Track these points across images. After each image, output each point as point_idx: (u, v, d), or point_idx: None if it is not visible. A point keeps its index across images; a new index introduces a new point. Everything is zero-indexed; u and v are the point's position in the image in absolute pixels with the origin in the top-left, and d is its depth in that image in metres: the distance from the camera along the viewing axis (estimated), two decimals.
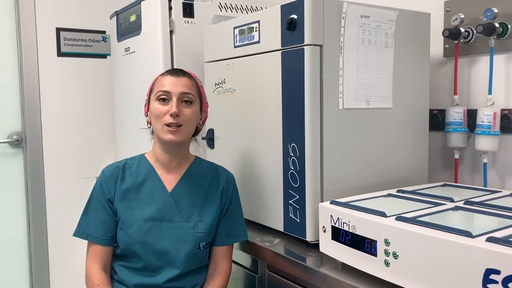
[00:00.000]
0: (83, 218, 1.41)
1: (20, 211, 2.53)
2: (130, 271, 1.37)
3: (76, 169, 2.61)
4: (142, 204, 1.37)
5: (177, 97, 1.33)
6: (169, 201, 1.38)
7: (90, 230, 1.38)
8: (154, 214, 1.36)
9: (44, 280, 2.56)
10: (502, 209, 1.13)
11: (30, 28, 2.46)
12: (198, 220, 1.38)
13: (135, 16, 2.05)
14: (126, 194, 1.38)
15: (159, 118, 1.33)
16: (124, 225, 1.36)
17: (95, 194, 1.41)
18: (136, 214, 1.36)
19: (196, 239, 1.37)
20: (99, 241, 1.37)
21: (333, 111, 1.37)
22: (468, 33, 1.63)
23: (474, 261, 0.87)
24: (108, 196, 1.38)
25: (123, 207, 1.37)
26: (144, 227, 1.35)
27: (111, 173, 1.40)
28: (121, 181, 1.39)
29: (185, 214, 1.38)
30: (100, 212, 1.38)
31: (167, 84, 1.35)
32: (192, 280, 1.39)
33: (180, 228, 1.36)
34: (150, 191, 1.39)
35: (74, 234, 1.40)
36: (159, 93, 1.34)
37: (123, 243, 1.36)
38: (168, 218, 1.36)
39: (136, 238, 1.34)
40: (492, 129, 1.52)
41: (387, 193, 1.35)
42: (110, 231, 1.37)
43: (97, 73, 2.63)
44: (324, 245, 1.25)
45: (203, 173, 1.44)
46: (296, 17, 1.32)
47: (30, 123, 2.49)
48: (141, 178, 1.40)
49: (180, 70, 1.41)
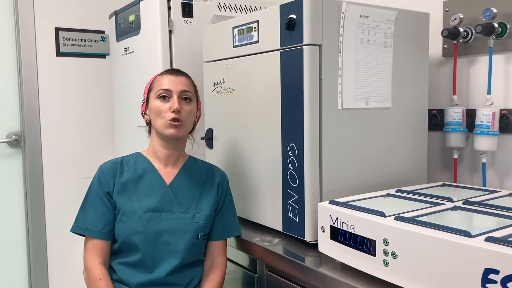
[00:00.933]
0: (80, 213, 1.41)
1: (19, 211, 2.52)
2: (129, 268, 1.37)
3: (75, 169, 2.61)
4: (141, 196, 1.39)
5: (177, 94, 1.38)
6: (168, 193, 1.41)
7: (88, 224, 1.38)
8: (154, 205, 1.38)
9: (43, 280, 2.56)
10: (501, 209, 1.13)
11: (29, 28, 2.45)
12: (197, 211, 1.42)
13: (134, 16, 2.04)
14: (125, 187, 1.40)
15: (160, 114, 1.37)
16: (124, 216, 1.37)
17: (93, 188, 1.42)
18: (136, 206, 1.38)
19: (195, 229, 1.40)
20: (97, 235, 1.37)
21: (332, 111, 1.37)
22: (467, 33, 1.63)
23: (473, 261, 0.87)
24: (107, 190, 1.40)
25: (122, 199, 1.39)
26: (144, 217, 1.37)
27: (109, 168, 1.43)
28: (120, 174, 1.42)
29: (184, 206, 1.41)
30: (98, 206, 1.39)
31: (167, 83, 1.39)
32: (190, 274, 1.41)
33: (179, 219, 1.39)
34: (149, 184, 1.41)
35: (71, 230, 1.40)
36: (160, 91, 1.39)
37: (122, 235, 1.37)
38: (168, 209, 1.39)
39: (136, 228, 1.35)
40: (491, 129, 1.52)
41: (386, 193, 1.35)
42: (108, 225, 1.38)
43: (96, 73, 2.63)
44: (323, 245, 1.25)
45: (198, 170, 1.49)
46: (295, 16, 1.32)
47: (29, 123, 2.48)
48: (140, 172, 1.43)
49: (178, 70, 1.46)
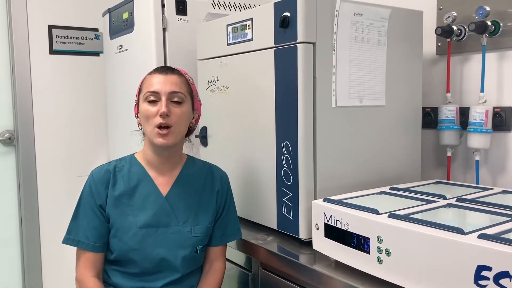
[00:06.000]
0: (72, 224, 1.33)
1: (12, 209, 2.51)
2: (125, 276, 1.33)
3: (68, 167, 2.60)
4: (136, 210, 1.32)
5: (166, 96, 1.27)
6: (164, 206, 1.33)
7: (81, 237, 1.31)
8: (149, 220, 1.31)
9: (36, 279, 2.55)
10: (493, 206, 1.14)
11: (22, 25, 2.43)
12: (195, 223, 1.35)
13: (127, 14, 2.04)
14: (119, 200, 1.32)
15: (149, 120, 1.27)
16: (118, 232, 1.30)
17: (84, 198, 1.33)
18: (130, 221, 1.31)
19: (193, 244, 1.34)
20: (91, 248, 1.30)
21: (326, 109, 1.37)
22: (461, 31, 1.64)
23: (466, 257, 0.88)
24: (99, 202, 1.31)
25: (116, 213, 1.31)
26: (139, 234, 1.30)
27: (101, 178, 1.33)
28: (113, 186, 1.33)
29: (182, 219, 1.34)
30: (90, 218, 1.31)
31: (156, 83, 1.28)
32: (188, 283, 1.37)
33: (177, 233, 1.33)
34: (144, 196, 1.33)
35: (63, 242, 1.32)
36: (147, 94, 1.28)
37: (118, 250, 1.31)
38: (164, 224, 1.32)
39: (132, 245, 1.29)
40: (484, 126, 1.53)
41: (380, 191, 1.35)
42: (102, 238, 1.31)
43: (90, 71, 2.62)
44: (317, 242, 1.25)
45: (197, 174, 1.41)
46: (289, 14, 1.32)
47: (22, 121, 2.47)
48: (134, 182, 1.34)
49: (169, 68, 1.34)
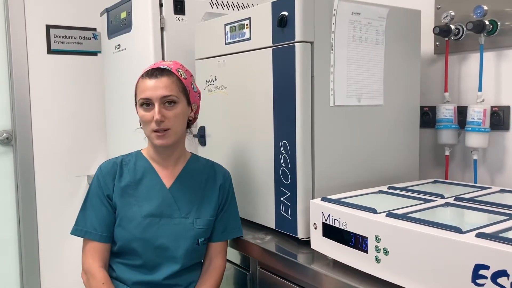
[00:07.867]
0: (81, 215, 1.38)
1: (10, 210, 2.51)
2: (129, 268, 1.36)
3: (66, 167, 2.60)
4: (140, 200, 1.37)
5: (158, 102, 1.30)
6: (168, 197, 1.38)
7: (89, 227, 1.35)
8: (153, 210, 1.35)
9: (35, 278, 2.55)
10: (491, 205, 1.14)
11: (20, 25, 2.43)
12: (197, 216, 1.38)
13: (125, 13, 2.03)
14: (124, 190, 1.37)
15: (146, 125, 1.34)
16: (122, 221, 1.35)
17: (92, 190, 1.39)
18: (134, 211, 1.35)
19: (195, 235, 1.37)
20: (98, 238, 1.34)
21: (324, 108, 1.37)
22: (459, 31, 1.64)
23: (464, 256, 0.88)
24: (107, 192, 1.37)
25: (121, 203, 1.36)
26: (143, 223, 1.34)
27: (109, 170, 1.39)
28: (119, 177, 1.38)
29: (184, 210, 1.38)
30: (98, 209, 1.36)
31: (147, 89, 1.31)
32: (189, 277, 1.40)
33: (179, 224, 1.36)
34: (148, 188, 1.38)
35: (71, 232, 1.37)
36: (141, 100, 1.33)
37: (121, 240, 1.35)
38: (167, 214, 1.36)
39: (135, 234, 1.33)
40: (482, 126, 1.53)
41: (378, 190, 1.35)
42: (109, 228, 1.36)
43: (88, 71, 2.61)
44: (315, 242, 1.25)
45: (200, 170, 1.45)
46: (287, 13, 1.32)
47: (20, 121, 2.46)
48: (139, 174, 1.40)
49: (158, 69, 1.34)
